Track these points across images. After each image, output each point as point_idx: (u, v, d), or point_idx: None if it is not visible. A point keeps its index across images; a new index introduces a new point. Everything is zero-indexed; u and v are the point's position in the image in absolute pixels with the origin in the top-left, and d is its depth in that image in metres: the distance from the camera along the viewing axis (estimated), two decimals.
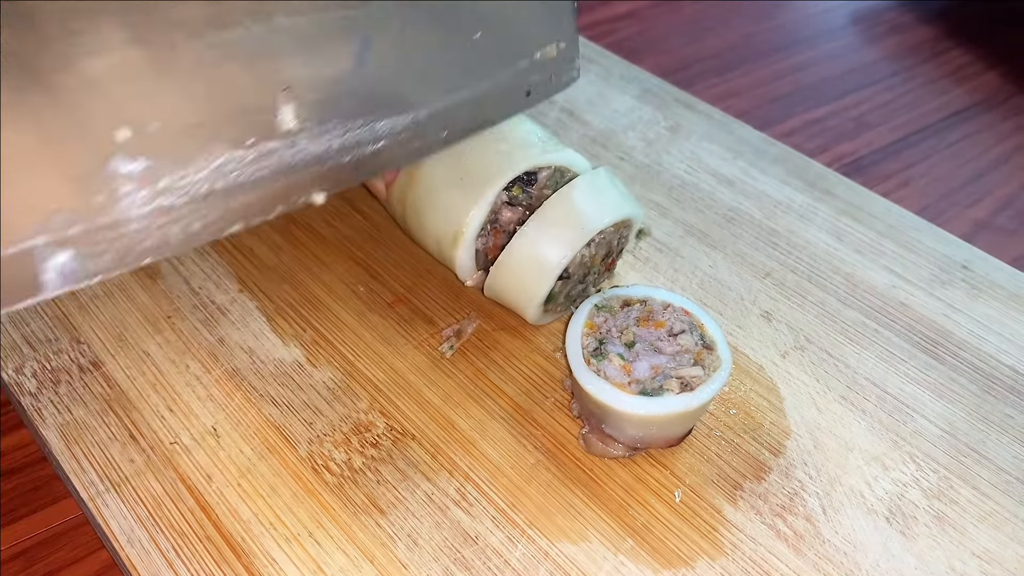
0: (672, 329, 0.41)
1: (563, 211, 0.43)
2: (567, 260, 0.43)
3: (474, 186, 0.44)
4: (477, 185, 0.44)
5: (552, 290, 0.44)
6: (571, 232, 0.42)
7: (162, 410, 0.43)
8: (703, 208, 0.56)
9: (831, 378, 0.46)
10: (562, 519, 0.39)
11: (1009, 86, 0.75)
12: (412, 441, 0.42)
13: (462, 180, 0.44)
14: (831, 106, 0.72)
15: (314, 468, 0.41)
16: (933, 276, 0.52)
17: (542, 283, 0.43)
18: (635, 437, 0.40)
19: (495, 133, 0.45)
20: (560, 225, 0.42)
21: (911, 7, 0.85)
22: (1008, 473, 0.42)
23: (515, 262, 0.43)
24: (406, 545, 0.38)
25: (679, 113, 0.64)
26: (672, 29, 0.81)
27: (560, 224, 0.42)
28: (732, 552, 0.38)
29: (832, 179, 0.58)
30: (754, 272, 0.51)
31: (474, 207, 0.44)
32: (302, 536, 0.38)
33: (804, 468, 0.41)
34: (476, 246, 0.45)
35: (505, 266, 0.43)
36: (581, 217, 0.43)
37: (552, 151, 0.45)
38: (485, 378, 0.45)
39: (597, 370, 0.39)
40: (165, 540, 0.38)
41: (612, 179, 0.45)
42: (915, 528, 0.39)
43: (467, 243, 0.44)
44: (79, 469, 0.40)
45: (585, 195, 0.43)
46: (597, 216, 0.43)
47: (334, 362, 0.45)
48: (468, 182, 0.44)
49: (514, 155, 0.44)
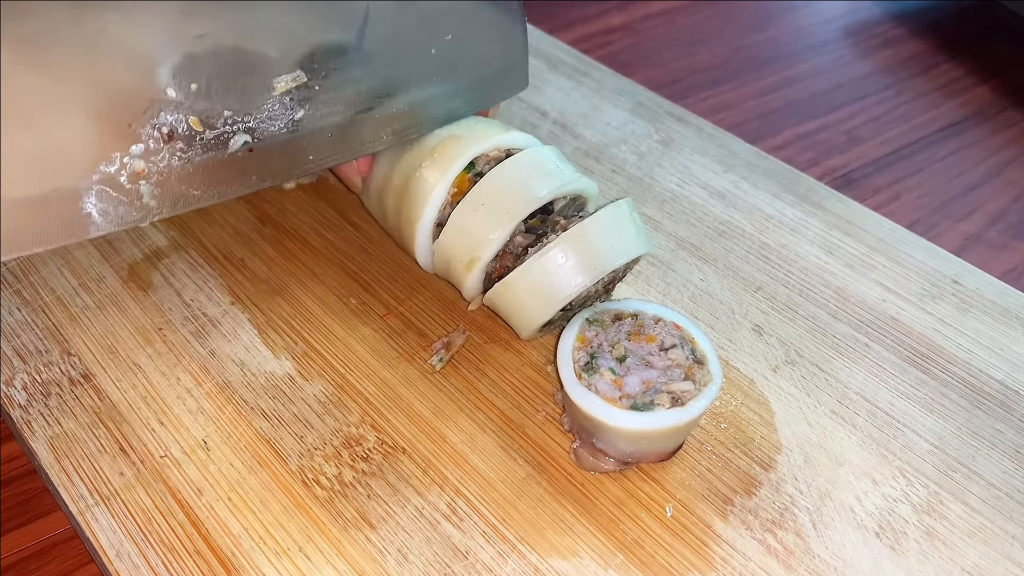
0: (663, 343, 0.41)
1: (583, 245, 0.42)
2: (575, 295, 0.43)
3: (496, 214, 0.43)
4: (499, 213, 0.43)
5: (552, 317, 0.44)
6: (585, 268, 0.42)
7: (152, 423, 0.43)
8: (694, 221, 0.56)
9: (822, 392, 0.46)
10: (553, 534, 0.39)
11: (1000, 100, 0.75)
12: (403, 455, 0.42)
13: (483, 205, 0.44)
14: (823, 119, 0.72)
15: (304, 482, 0.40)
16: (923, 290, 0.52)
17: (545, 311, 0.43)
18: (626, 452, 0.40)
19: (515, 158, 0.45)
20: (576, 259, 0.42)
21: (903, 21, 0.86)
22: (998, 488, 0.42)
23: (524, 286, 0.43)
24: (396, 560, 0.38)
25: (671, 126, 0.64)
26: (665, 42, 0.81)
27: (577, 258, 0.42)
28: (722, 567, 0.38)
29: (823, 193, 0.59)
30: (745, 286, 0.52)
31: (495, 235, 0.43)
32: (292, 551, 0.38)
33: (794, 483, 0.41)
34: (487, 270, 0.45)
35: (513, 286, 0.43)
36: (596, 257, 0.42)
37: (571, 182, 0.45)
38: (476, 391, 0.45)
39: (588, 384, 0.39)
40: (154, 554, 0.38)
41: (631, 213, 0.44)
42: (905, 543, 0.39)
43: (480, 268, 0.44)
44: (68, 482, 0.40)
45: (605, 232, 0.43)
46: (612, 257, 0.43)
47: (325, 375, 0.45)
48: (489, 209, 0.44)
49: (534, 184, 0.44)
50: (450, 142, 0.46)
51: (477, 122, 0.48)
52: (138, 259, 0.51)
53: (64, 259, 0.51)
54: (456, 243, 0.45)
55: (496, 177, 0.44)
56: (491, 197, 0.44)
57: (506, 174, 0.44)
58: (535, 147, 0.46)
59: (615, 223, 0.44)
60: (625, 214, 0.44)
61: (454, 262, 0.45)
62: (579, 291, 0.42)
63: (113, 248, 0.52)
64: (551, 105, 0.65)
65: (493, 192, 0.44)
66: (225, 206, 0.55)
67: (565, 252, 0.42)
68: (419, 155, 0.46)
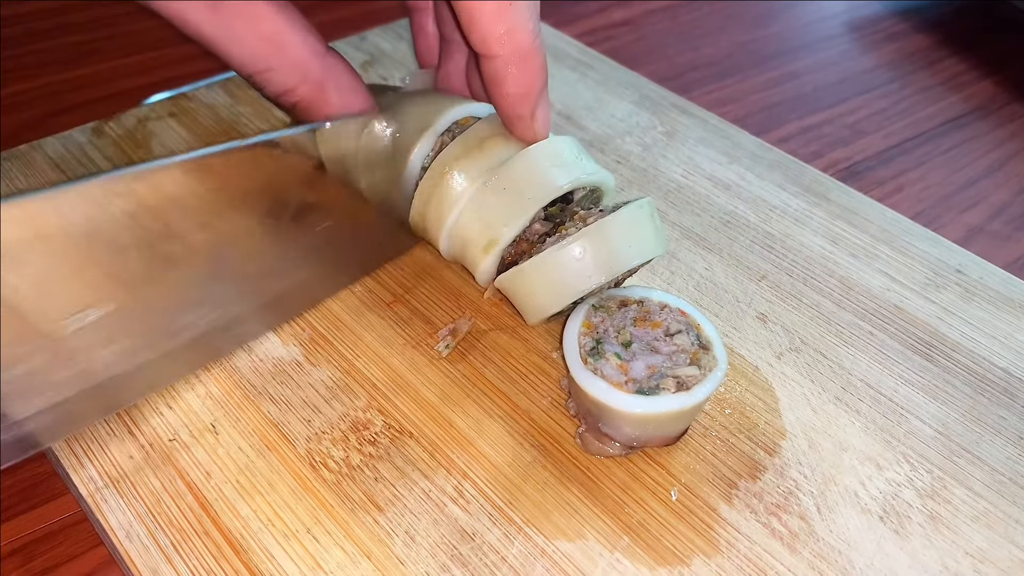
0: (668, 329, 0.41)
1: (602, 243, 0.42)
2: (587, 292, 0.43)
3: (518, 199, 0.44)
4: (521, 198, 0.44)
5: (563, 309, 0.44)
6: (602, 266, 0.42)
7: (161, 407, 0.43)
8: (699, 212, 0.56)
9: (826, 379, 0.46)
10: (559, 517, 0.39)
11: (1004, 94, 0.75)
12: (410, 439, 0.42)
13: (505, 190, 0.44)
14: (827, 113, 0.72)
15: (312, 465, 0.41)
16: (927, 279, 0.52)
17: (555, 304, 0.43)
18: (631, 436, 0.40)
19: (537, 145, 0.45)
20: (594, 256, 0.42)
21: (907, 16, 0.86)
22: (1001, 473, 0.42)
23: (538, 276, 0.43)
24: (403, 542, 0.38)
25: (676, 119, 0.64)
26: (669, 36, 0.82)
27: (594, 255, 0.42)
28: (727, 550, 0.38)
29: (827, 184, 0.59)
30: (750, 275, 0.52)
31: (516, 220, 0.44)
32: (300, 532, 0.38)
33: (799, 468, 0.42)
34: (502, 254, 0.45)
35: (528, 275, 0.43)
36: (614, 256, 0.42)
37: (592, 173, 0.45)
38: (483, 377, 0.45)
39: (594, 369, 0.40)
40: (164, 536, 0.38)
41: (652, 214, 0.44)
42: (909, 527, 0.40)
43: (498, 251, 0.44)
44: (78, 465, 0.41)
45: (625, 231, 0.43)
46: (629, 257, 0.43)
47: (332, 361, 0.45)
48: (511, 193, 0.44)
49: (556, 173, 0.44)
50: (493, 142, 0.45)
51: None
52: None
53: None
54: (475, 225, 0.45)
55: (519, 163, 0.44)
56: (513, 182, 0.44)
57: (529, 161, 0.44)
58: (556, 137, 0.46)
59: (635, 223, 0.43)
60: (646, 215, 0.44)
61: (471, 245, 0.45)
62: (592, 288, 0.43)
63: None
64: (556, 97, 0.65)
65: (515, 177, 0.44)
66: None
67: (584, 248, 0.42)
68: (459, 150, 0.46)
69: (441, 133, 0.47)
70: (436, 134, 0.47)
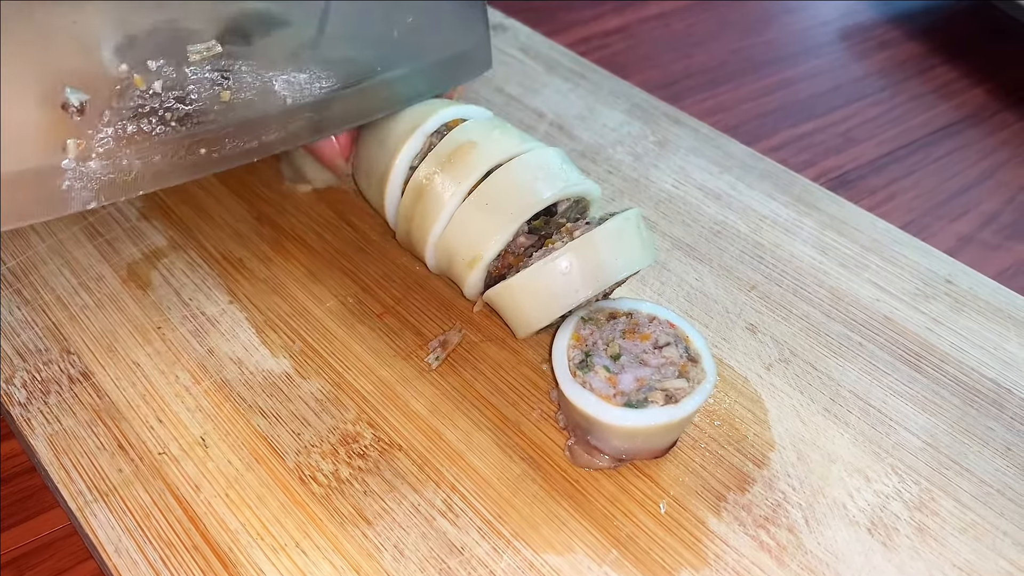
0: (657, 342, 0.42)
1: (590, 256, 0.42)
2: (575, 306, 0.43)
3: (500, 214, 0.44)
4: (503, 213, 0.44)
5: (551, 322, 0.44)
6: (589, 279, 0.42)
7: (151, 420, 0.43)
8: (690, 222, 0.56)
9: (815, 391, 0.46)
10: (548, 530, 0.39)
11: (995, 102, 0.76)
12: (399, 452, 0.42)
13: (488, 205, 0.44)
14: (818, 121, 0.72)
15: (302, 479, 0.41)
16: (917, 290, 0.52)
17: (544, 318, 0.43)
18: (620, 448, 0.40)
19: (520, 158, 0.45)
20: (581, 270, 0.42)
21: (899, 24, 0.86)
22: (989, 485, 0.42)
23: (526, 290, 0.43)
24: (392, 556, 0.38)
25: (667, 128, 0.64)
26: (661, 45, 0.82)
27: (582, 268, 0.42)
28: (716, 563, 0.39)
29: (817, 194, 0.59)
30: (739, 285, 0.52)
31: (498, 235, 0.44)
32: (289, 546, 0.38)
33: (787, 480, 0.42)
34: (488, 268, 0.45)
35: (515, 289, 0.43)
36: (602, 269, 0.42)
37: (575, 184, 0.45)
38: (472, 389, 0.45)
39: (583, 382, 0.40)
40: (153, 550, 0.38)
41: (639, 225, 0.44)
42: (896, 539, 0.40)
43: (483, 266, 0.45)
44: (67, 479, 0.41)
45: (613, 243, 0.43)
46: (617, 269, 0.43)
47: (322, 373, 0.45)
48: (494, 208, 0.44)
49: (539, 186, 0.44)
50: (467, 149, 0.46)
51: (492, 127, 0.47)
52: (137, 259, 0.51)
53: (64, 259, 0.51)
54: (459, 241, 0.45)
55: (502, 177, 0.44)
56: (496, 197, 0.44)
57: (512, 174, 0.44)
58: (540, 148, 0.46)
59: (622, 235, 0.43)
60: (633, 226, 0.44)
61: (456, 260, 0.45)
62: (581, 302, 0.43)
63: (112, 248, 0.52)
64: (548, 107, 0.66)
65: (498, 192, 0.44)
66: (223, 206, 0.55)
67: (571, 262, 0.42)
68: (435, 159, 0.46)
69: (430, 134, 0.47)
70: (425, 134, 0.47)
